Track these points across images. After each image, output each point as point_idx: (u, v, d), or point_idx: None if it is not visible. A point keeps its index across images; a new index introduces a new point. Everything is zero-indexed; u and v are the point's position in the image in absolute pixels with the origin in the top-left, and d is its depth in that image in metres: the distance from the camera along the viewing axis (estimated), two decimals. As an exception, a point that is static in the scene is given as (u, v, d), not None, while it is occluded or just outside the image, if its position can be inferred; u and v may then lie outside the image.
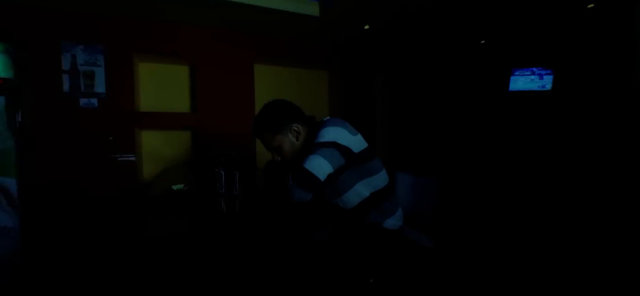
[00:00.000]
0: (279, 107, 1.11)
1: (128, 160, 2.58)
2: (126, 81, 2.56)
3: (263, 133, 1.08)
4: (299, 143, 1.10)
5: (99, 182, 2.49)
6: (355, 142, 1.05)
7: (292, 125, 1.09)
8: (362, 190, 1.13)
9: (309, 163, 0.97)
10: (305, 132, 1.11)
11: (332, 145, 0.99)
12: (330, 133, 1.02)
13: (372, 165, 1.12)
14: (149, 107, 2.83)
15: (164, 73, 2.92)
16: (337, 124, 1.06)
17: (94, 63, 2.48)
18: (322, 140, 0.99)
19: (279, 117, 1.08)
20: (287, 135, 1.08)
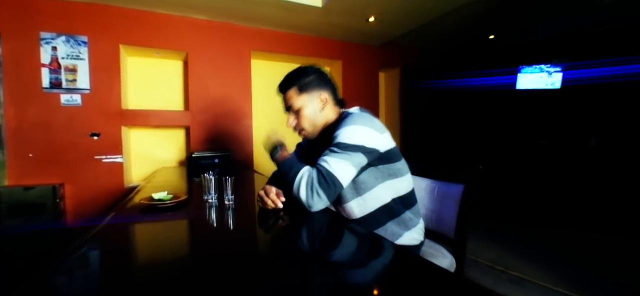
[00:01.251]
0: (316, 69, 1.04)
1: (115, 162, 2.38)
2: (113, 76, 2.36)
3: (290, 87, 1.01)
4: (321, 117, 1.01)
5: (82, 186, 2.29)
6: (382, 141, 0.93)
7: (323, 92, 1.01)
8: (382, 194, 0.97)
9: (336, 166, 0.86)
10: (332, 110, 1.03)
11: (358, 150, 0.88)
12: (357, 133, 0.88)
13: (397, 166, 0.97)
14: (138, 104, 2.63)
15: (154, 68, 2.72)
16: (365, 122, 0.90)
17: (77, 56, 2.28)
18: (349, 141, 0.87)
19: (313, 76, 1.01)
20: (314, 101, 1.00)
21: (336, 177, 0.85)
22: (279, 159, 0.97)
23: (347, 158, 0.87)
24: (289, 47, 2.99)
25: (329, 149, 0.90)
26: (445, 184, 1.32)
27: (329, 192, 0.85)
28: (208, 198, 1.05)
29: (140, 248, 0.75)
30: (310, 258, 0.65)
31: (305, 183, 0.86)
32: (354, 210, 1.01)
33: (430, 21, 2.83)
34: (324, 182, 0.85)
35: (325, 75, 1.05)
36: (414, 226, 1.05)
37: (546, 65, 3.95)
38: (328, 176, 0.85)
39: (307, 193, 0.85)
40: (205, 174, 1.07)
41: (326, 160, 0.87)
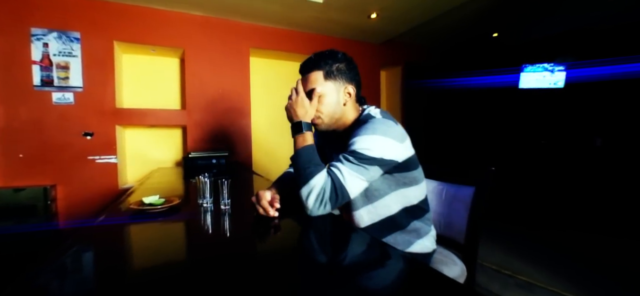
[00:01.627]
0: (349, 57, 0.95)
1: (109, 162, 2.30)
2: (106, 74, 2.29)
3: (315, 69, 0.91)
4: (342, 112, 0.93)
5: (75, 187, 2.21)
6: (402, 150, 0.86)
7: (349, 85, 0.93)
8: (393, 203, 0.91)
9: (350, 179, 0.80)
10: (353, 107, 0.95)
11: (375, 163, 0.81)
12: (377, 144, 0.81)
13: (412, 175, 0.90)
14: (133, 103, 2.56)
15: (150, 66, 2.65)
16: (386, 132, 0.83)
17: (69, 53, 2.21)
18: (368, 153, 0.80)
19: (344, 65, 0.92)
20: (339, 91, 0.91)
21: (347, 190, 0.79)
22: (301, 143, 0.86)
23: (362, 172, 0.80)
24: (289, 45, 2.91)
25: (344, 155, 0.82)
26: (454, 186, 1.26)
27: (335, 204, 0.80)
28: (203, 202, 0.98)
29: (125, 257, 0.67)
30: (313, 270, 0.58)
31: (317, 192, 0.79)
32: (364, 217, 0.94)
33: (433, 19, 2.77)
34: (334, 196, 0.78)
35: (355, 67, 0.96)
36: (426, 234, 0.99)
37: (549, 64, 3.90)
38: (340, 190, 0.79)
39: (314, 202, 0.79)
40: (200, 176, 1.00)
41: (340, 170, 0.80)
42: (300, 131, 0.87)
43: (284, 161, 3.10)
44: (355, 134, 0.84)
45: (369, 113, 0.93)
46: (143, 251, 0.70)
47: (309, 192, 0.79)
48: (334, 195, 0.78)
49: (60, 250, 0.68)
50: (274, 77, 3.11)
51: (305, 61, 0.94)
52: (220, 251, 0.67)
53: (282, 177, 1.08)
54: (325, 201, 0.78)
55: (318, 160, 0.85)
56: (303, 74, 0.95)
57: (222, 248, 0.70)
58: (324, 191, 0.78)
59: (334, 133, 1.00)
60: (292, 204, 0.92)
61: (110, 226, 0.87)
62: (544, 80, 3.94)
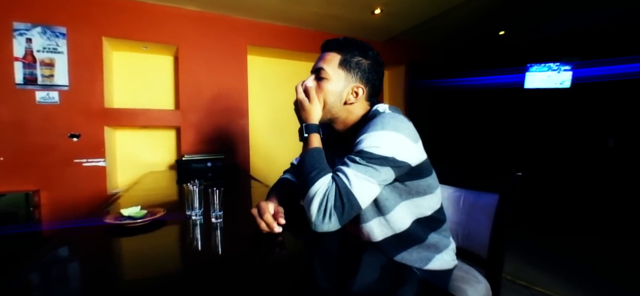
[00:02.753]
0: (376, 56, 0.84)
1: (97, 166, 2.16)
2: (94, 71, 2.15)
3: (336, 50, 0.81)
4: (337, 108, 0.82)
5: (60, 192, 2.07)
6: (415, 152, 0.74)
7: (361, 85, 0.81)
8: (405, 215, 0.80)
9: (358, 183, 0.67)
10: (360, 106, 0.84)
11: (386, 163, 0.69)
12: (388, 141, 0.69)
13: (426, 182, 0.78)
14: (124, 102, 2.42)
15: (142, 64, 2.51)
16: (398, 127, 0.70)
17: (54, 49, 2.07)
18: (377, 151, 0.68)
19: (366, 62, 0.81)
20: (345, 86, 0.80)
21: (356, 197, 0.66)
22: (305, 147, 0.77)
23: (372, 174, 0.67)
24: (288, 42, 2.79)
25: (350, 157, 0.70)
26: (474, 193, 1.13)
27: (343, 216, 0.66)
28: (191, 214, 0.85)
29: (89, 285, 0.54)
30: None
31: (319, 200, 0.66)
32: (374, 231, 0.82)
33: (437, 15, 2.65)
34: (339, 204, 0.65)
35: (380, 72, 0.85)
36: (446, 248, 0.87)
37: (555, 63, 3.80)
38: (347, 196, 0.65)
39: (317, 212, 0.65)
40: (189, 184, 0.86)
41: (346, 174, 0.67)
42: (304, 134, 0.78)
43: (283, 165, 2.96)
44: (361, 133, 0.73)
45: (376, 109, 0.81)
46: (112, 278, 0.57)
47: (311, 201, 0.67)
48: (339, 202, 0.65)
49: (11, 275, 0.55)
50: (273, 76, 2.98)
51: (333, 40, 0.85)
52: (208, 275, 0.54)
53: (279, 184, 0.95)
54: (330, 211, 0.65)
55: (324, 164, 0.72)
56: (322, 50, 0.85)
57: (210, 271, 0.56)
58: (326, 198, 0.65)
59: (337, 137, 0.89)
60: (294, 217, 0.78)
61: (78, 246, 0.74)
62: (549, 80, 3.84)
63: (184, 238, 0.78)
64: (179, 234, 0.80)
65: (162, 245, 0.75)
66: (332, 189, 0.66)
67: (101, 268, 0.62)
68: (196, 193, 0.83)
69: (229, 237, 0.75)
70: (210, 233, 0.77)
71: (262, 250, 0.67)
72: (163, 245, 0.75)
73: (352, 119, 0.84)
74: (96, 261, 0.66)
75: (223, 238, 0.74)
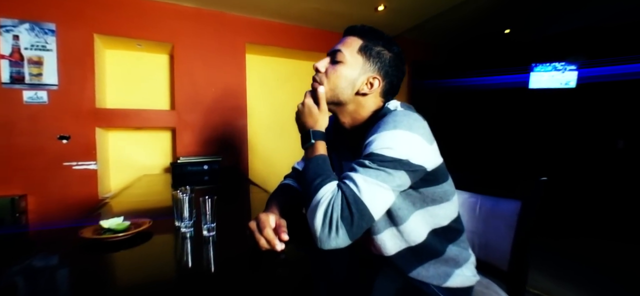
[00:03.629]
0: (399, 51, 0.76)
1: (87, 169, 2.06)
2: (85, 70, 2.05)
3: (359, 35, 0.74)
4: (347, 95, 0.73)
5: (49, 197, 1.97)
6: (431, 155, 0.66)
7: (379, 78, 0.73)
8: (420, 225, 0.71)
9: (369, 190, 0.57)
10: (373, 101, 0.75)
11: (401, 167, 0.60)
12: (402, 142, 0.61)
13: (442, 189, 0.71)
14: (117, 103, 2.32)
15: (136, 62, 2.42)
16: (412, 127, 0.63)
17: (43, 47, 1.97)
18: (390, 153, 0.60)
19: (388, 54, 0.74)
20: (362, 74, 0.72)
21: (367, 206, 0.56)
22: (309, 154, 0.69)
23: (384, 179, 0.58)
24: (288, 41, 2.70)
25: (358, 161, 0.61)
26: (491, 199, 1.04)
27: (352, 228, 0.56)
28: (181, 225, 0.75)
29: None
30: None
31: (324, 211, 0.56)
32: (387, 244, 0.73)
33: (442, 13, 2.57)
34: (347, 214, 0.55)
35: (402, 68, 0.77)
36: (466, 262, 0.78)
37: (560, 63, 3.73)
38: (355, 205, 0.56)
39: (321, 226, 0.56)
40: (179, 191, 0.77)
41: (355, 180, 0.58)
42: (309, 141, 0.69)
43: (284, 168, 2.87)
44: (371, 133, 0.64)
45: (387, 107, 0.73)
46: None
47: (315, 212, 0.57)
48: (347, 212, 0.56)
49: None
50: (273, 75, 2.89)
51: (358, 26, 0.78)
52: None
53: (280, 191, 0.86)
54: (336, 222, 0.55)
55: (329, 171, 0.63)
56: (344, 34, 0.78)
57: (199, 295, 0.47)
58: (332, 207, 0.56)
59: (344, 138, 0.81)
60: (298, 229, 0.69)
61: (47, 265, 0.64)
62: (554, 80, 3.77)
63: (171, 254, 0.69)
64: (165, 249, 0.71)
65: (145, 262, 0.65)
66: (338, 197, 0.57)
67: (74, 292, 0.52)
68: (186, 202, 0.73)
69: (223, 254, 0.66)
70: (201, 248, 0.67)
71: (261, 271, 0.58)
72: (146, 262, 0.65)
73: (361, 114, 0.76)
74: (67, 284, 0.56)
75: (216, 255, 0.65)
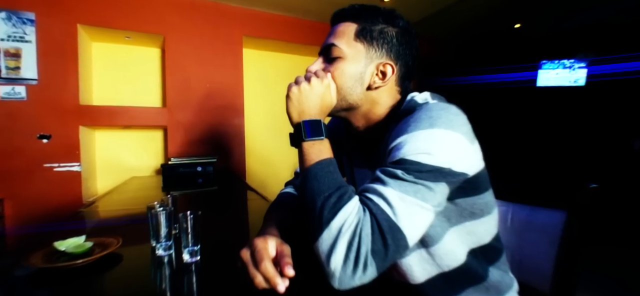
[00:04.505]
0: (410, 29, 0.61)
1: (70, 171, 1.90)
2: (68, 64, 1.89)
3: (351, 18, 0.58)
4: (356, 95, 0.58)
5: (28, 202, 1.81)
6: (473, 157, 0.51)
7: (390, 62, 0.58)
8: (456, 246, 0.56)
9: (406, 211, 0.42)
10: (388, 93, 0.60)
11: (442, 177, 0.45)
12: (443, 145, 0.46)
13: (484, 200, 0.56)
14: (105, 99, 2.16)
15: (126, 56, 2.25)
16: (453, 124, 0.48)
17: (21, 38, 1.81)
18: (429, 160, 0.45)
19: (394, 30, 0.58)
20: (367, 64, 0.57)
21: (404, 232, 0.41)
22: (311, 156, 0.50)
23: (425, 197, 0.43)
24: (289, 34, 2.54)
25: (386, 170, 0.46)
26: (525, 208, 0.91)
27: (384, 261, 0.41)
28: (157, 247, 0.60)
29: None
30: None
31: (347, 244, 0.41)
32: (414, 269, 0.58)
33: (448, 7, 2.42)
34: (381, 247, 0.40)
35: (413, 43, 0.61)
36: (509, 290, 0.64)
37: (568, 60, 3.60)
38: (391, 233, 0.41)
39: (343, 263, 0.41)
40: (155, 204, 0.62)
41: (387, 198, 0.42)
42: (319, 135, 0.52)
43: (283, 170, 2.71)
44: (398, 133, 0.49)
45: (413, 99, 0.57)
46: None
47: (333, 246, 0.42)
48: (380, 243, 0.41)
49: None
50: (272, 71, 2.73)
51: (343, 9, 0.61)
52: None
53: (280, 203, 0.71)
54: (365, 258, 0.40)
55: (343, 182, 0.47)
56: (333, 23, 0.62)
57: None
58: (359, 239, 0.41)
59: (352, 136, 0.66)
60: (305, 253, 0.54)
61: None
62: (563, 77, 3.65)
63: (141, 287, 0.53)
64: (135, 281, 0.55)
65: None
66: (367, 223, 0.42)
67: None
68: (162, 219, 0.58)
69: (209, 287, 0.50)
70: (180, 279, 0.52)
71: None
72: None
73: (377, 112, 0.61)
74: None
75: (198, 290, 0.50)
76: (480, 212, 0.56)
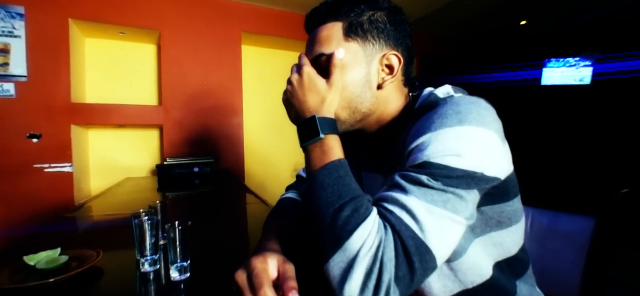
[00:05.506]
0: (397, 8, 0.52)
1: (62, 172, 1.83)
2: (59, 60, 1.82)
3: (332, 17, 0.49)
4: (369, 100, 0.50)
5: (17, 204, 1.74)
6: (505, 159, 0.44)
7: (393, 51, 0.50)
8: (482, 259, 0.49)
9: (435, 226, 0.35)
10: (395, 93, 0.53)
11: (474, 184, 0.39)
12: (474, 145, 0.39)
13: (513, 207, 0.48)
14: (98, 97, 2.09)
15: (120, 53, 2.18)
16: (485, 121, 0.41)
17: (10, 33, 1.74)
18: (459, 164, 0.38)
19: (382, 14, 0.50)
20: (370, 62, 0.50)
21: (433, 253, 0.35)
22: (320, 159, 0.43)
23: (456, 208, 0.37)
24: (288, 30, 2.47)
25: (407, 175, 0.39)
26: (549, 214, 0.86)
27: (410, 287, 0.34)
28: (142, 261, 0.53)
29: None
30: None
31: (367, 270, 0.34)
32: (433, 287, 0.51)
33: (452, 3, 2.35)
34: (406, 272, 0.34)
35: (405, 22, 0.53)
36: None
37: (574, 58, 3.54)
38: (418, 253, 0.34)
39: (362, 291, 0.33)
40: (142, 212, 0.55)
41: (412, 211, 0.35)
42: (317, 136, 0.44)
43: (284, 171, 2.63)
44: (420, 131, 0.42)
45: (434, 94, 0.50)
46: None
47: (349, 270, 0.34)
48: (405, 267, 0.34)
49: None
50: (272, 69, 2.66)
51: (314, 9, 0.52)
52: None
53: (281, 210, 0.63)
54: (388, 285, 0.33)
55: (359, 192, 0.40)
56: (310, 31, 0.53)
57: None
58: (381, 264, 0.34)
59: (360, 136, 0.59)
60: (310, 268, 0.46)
61: None
62: (568, 76, 3.58)
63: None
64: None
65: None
66: (390, 244, 0.34)
67: None
68: (147, 230, 0.51)
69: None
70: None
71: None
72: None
73: (389, 112, 0.54)
74: None
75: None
76: (508, 221, 0.49)
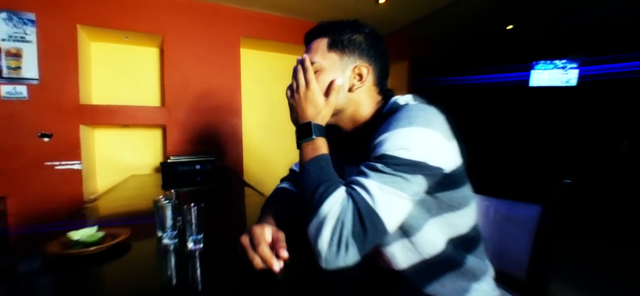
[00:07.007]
0: (372, 30, 0.69)
1: (71, 169, 1.94)
2: (68, 63, 1.93)
3: (321, 34, 0.67)
4: (343, 99, 0.66)
5: (30, 199, 1.85)
6: (450, 154, 0.58)
7: (364, 64, 0.66)
8: (435, 236, 0.62)
9: (384, 200, 0.49)
10: (367, 95, 0.68)
11: (418, 171, 0.52)
12: (419, 141, 0.52)
13: (461, 194, 0.62)
14: (104, 98, 2.20)
15: (124, 56, 2.29)
16: (430, 122, 0.55)
17: (22, 38, 1.84)
18: (406, 155, 0.51)
19: (360, 37, 0.66)
20: (344, 69, 0.65)
21: (382, 220, 0.48)
22: (309, 154, 0.58)
23: (402, 187, 0.49)
24: (285, 35, 2.59)
25: (369, 164, 0.52)
26: (507, 203, 0.97)
27: (364, 245, 0.48)
28: (163, 236, 0.65)
29: None
30: None
31: (332, 228, 0.47)
32: (397, 257, 0.64)
33: (444, 7, 2.48)
34: (360, 230, 0.47)
35: (381, 46, 0.69)
36: (484, 275, 0.70)
37: (561, 60, 3.68)
38: (369, 218, 0.47)
39: (328, 244, 0.47)
40: (161, 197, 0.67)
41: (367, 187, 0.49)
42: (309, 136, 0.59)
43: (280, 169, 2.77)
44: (381, 131, 0.56)
45: (395, 102, 0.64)
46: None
47: (319, 228, 0.48)
48: (359, 227, 0.47)
49: None
50: (269, 71, 2.78)
51: (313, 28, 0.69)
52: None
53: (276, 197, 0.76)
54: (347, 240, 0.47)
55: (334, 176, 0.54)
56: (306, 43, 0.71)
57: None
58: (342, 223, 0.47)
59: (343, 138, 0.72)
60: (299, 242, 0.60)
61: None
62: (555, 78, 3.72)
63: (150, 272, 0.59)
64: (144, 266, 0.61)
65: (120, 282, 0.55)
66: (349, 209, 0.48)
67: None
68: (169, 211, 0.63)
69: (211, 271, 0.56)
70: (185, 265, 0.58)
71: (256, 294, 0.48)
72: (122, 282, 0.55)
73: (361, 114, 0.68)
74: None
75: (203, 273, 0.55)
76: (458, 205, 0.62)
